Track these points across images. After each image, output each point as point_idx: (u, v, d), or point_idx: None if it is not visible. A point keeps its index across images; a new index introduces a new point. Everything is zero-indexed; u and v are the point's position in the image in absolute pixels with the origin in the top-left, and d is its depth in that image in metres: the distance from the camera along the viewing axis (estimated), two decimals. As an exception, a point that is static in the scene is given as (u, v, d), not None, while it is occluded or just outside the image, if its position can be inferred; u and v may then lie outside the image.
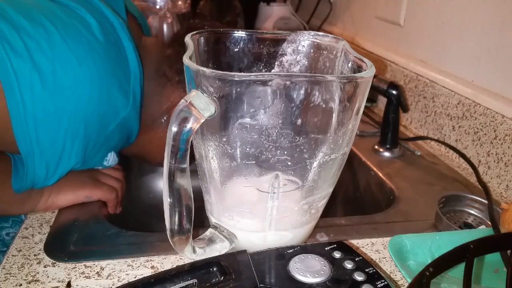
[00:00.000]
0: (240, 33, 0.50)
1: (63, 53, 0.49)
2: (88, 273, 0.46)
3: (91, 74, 0.51)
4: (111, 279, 0.46)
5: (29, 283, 0.45)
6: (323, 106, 0.39)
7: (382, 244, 0.54)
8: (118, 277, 0.46)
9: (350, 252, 0.41)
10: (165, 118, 0.66)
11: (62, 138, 0.51)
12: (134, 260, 0.49)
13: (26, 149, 0.49)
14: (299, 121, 0.39)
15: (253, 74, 0.37)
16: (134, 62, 0.57)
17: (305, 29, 1.46)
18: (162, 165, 0.39)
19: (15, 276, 0.45)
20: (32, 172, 0.51)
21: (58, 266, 0.47)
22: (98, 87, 0.52)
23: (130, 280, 0.45)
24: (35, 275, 0.46)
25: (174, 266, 0.47)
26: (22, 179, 0.52)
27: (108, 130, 0.57)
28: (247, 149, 0.40)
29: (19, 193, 0.53)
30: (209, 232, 0.47)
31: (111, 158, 0.64)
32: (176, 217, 0.40)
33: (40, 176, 0.52)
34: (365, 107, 0.52)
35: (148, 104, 0.64)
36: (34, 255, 0.49)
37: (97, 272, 0.47)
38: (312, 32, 0.50)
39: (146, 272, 0.47)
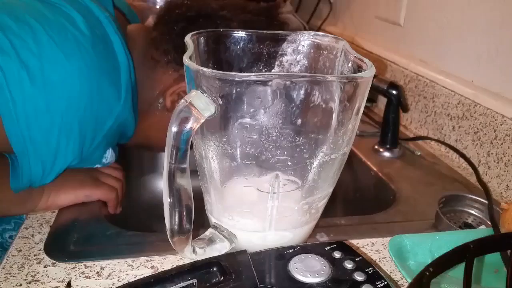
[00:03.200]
0: (240, 33, 0.50)
1: (50, 49, 0.49)
2: (88, 273, 0.46)
3: (79, 69, 0.51)
4: (111, 279, 0.46)
5: (29, 283, 0.45)
6: (323, 106, 0.39)
7: (382, 244, 0.54)
8: (118, 277, 0.46)
9: (350, 252, 0.41)
10: (160, 101, 0.66)
11: (56, 135, 0.51)
12: (134, 260, 0.49)
13: (19, 148, 0.49)
14: (299, 121, 0.39)
15: (253, 74, 0.37)
16: (122, 55, 0.57)
17: (305, 29, 1.46)
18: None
19: (15, 276, 0.45)
20: (28, 171, 0.51)
21: (58, 266, 0.47)
22: (88, 82, 0.52)
23: (130, 280, 0.45)
24: (35, 275, 0.46)
25: (174, 266, 0.47)
26: (19, 178, 0.52)
27: (105, 127, 0.57)
28: (247, 149, 0.40)
29: (17, 192, 0.53)
30: (209, 232, 0.47)
31: (109, 155, 0.64)
32: (176, 217, 0.39)
33: (37, 174, 0.52)
34: (365, 107, 0.52)
35: (141, 91, 0.64)
36: (34, 255, 0.49)
37: (97, 272, 0.47)
38: (312, 32, 0.50)
39: (146, 272, 0.47)
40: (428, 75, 0.86)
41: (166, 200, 0.39)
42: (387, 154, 0.80)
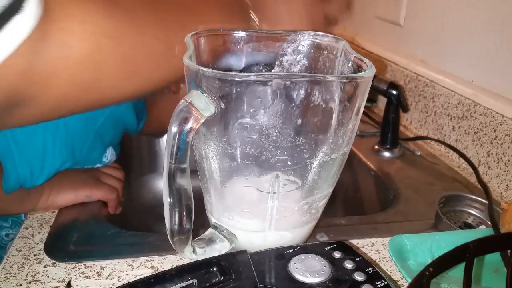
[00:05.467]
0: (240, 33, 0.50)
1: None
2: (88, 273, 0.46)
3: None
4: (111, 279, 0.46)
5: (29, 283, 0.45)
6: (323, 106, 0.39)
7: (382, 244, 0.54)
8: (118, 277, 0.46)
9: (350, 252, 0.41)
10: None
11: (41, 135, 0.50)
12: (134, 260, 0.49)
13: (2, 149, 0.48)
14: (299, 121, 0.39)
15: (253, 74, 0.37)
16: None
17: (305, 29, 1.45)
18: None
19: (15, 276, 0.45)
20: (14, 171, 0.50)
21: (58, 266, 0.47)
22: None
23: (130, 280, 0.45)
24: (35, 275, 0.46)
25: (174, 266, 0.47)
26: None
27: (97, 125, 0.56)
28: (247, 149, 0.40)
29: (8, 193, 0.52)
30: (209, 232, 0.47)
31: (109, 154, 0.64)
32: (176, 217, 0.39)
33: (25, 175, 0.51)
34: (365, 107, 0.52)
35: None
36: (34, 255, 0.49)
37: (97, 272, 0.47)
38: (312, 32, 0.50)
39: (146, 272, 0.47)
40: (428, 75, 0.86)
41: (166, 200, 0.39)
42: (387, 154, 0.80)
